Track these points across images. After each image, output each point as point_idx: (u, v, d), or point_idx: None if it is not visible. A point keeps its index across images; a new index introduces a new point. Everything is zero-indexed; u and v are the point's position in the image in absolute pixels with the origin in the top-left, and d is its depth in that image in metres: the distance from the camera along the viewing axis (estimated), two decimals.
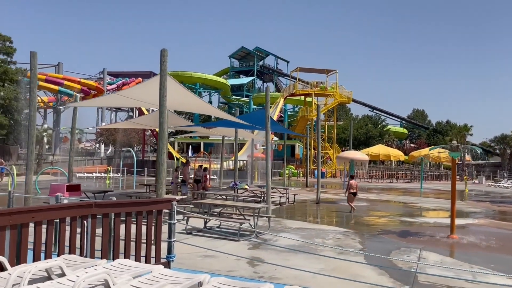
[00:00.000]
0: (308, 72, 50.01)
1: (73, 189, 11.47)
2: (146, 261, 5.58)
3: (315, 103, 42.99)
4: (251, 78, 73.65)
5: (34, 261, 4.23)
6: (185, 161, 19.97)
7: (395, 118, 75.98)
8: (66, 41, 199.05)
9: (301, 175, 39.38)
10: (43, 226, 4.38)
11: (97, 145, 61.57)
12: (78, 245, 4.97)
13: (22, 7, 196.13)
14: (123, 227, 5.43)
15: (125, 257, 5.26)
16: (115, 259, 4.89)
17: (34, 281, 3.53)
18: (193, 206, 12.31)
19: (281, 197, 16.58)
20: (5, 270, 3.68)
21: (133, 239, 5.52)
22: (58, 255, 4.48)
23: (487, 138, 61.68)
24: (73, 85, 45.84)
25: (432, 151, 23.47)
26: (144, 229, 5.66)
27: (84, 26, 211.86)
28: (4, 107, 37.66)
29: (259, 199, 15.04)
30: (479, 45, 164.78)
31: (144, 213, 5.77)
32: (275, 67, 78.53)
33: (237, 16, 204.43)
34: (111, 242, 5.33)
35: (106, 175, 29.78)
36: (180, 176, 16.90)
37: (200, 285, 3.80)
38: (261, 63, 77.03)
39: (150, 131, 47.52)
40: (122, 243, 5.48)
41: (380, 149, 32.41)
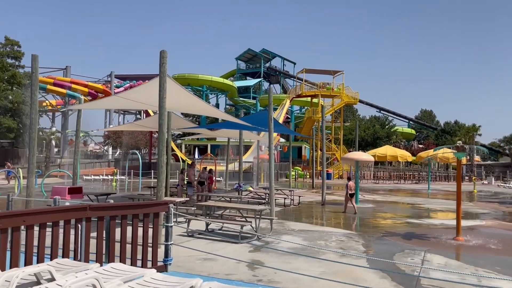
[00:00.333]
0: (314, 73, 49.84)
1: (75, 191, 11.48)
2: (142, 264, 5.52)
3: (321, 104, 42.76)
4: (258, 80, 73.50)
5: (26, 265, 4.18)
6: (190, 162, 19.95)
7: (403, 118, 75.41)
8: (74, 45, 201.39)
9: (308, 176, 39.18)
10: (35, 229, 4.34)
11: (105, 147, 61.96)
12: (73, 249, 4.92)
13: (31, 12, 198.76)
14: (118, 230, 5.38)
15: (120, 260, 5.21)
16: (110, 262, 4.83)
17: (22, 286, 3.48)
18: (195, 208, 12.26)
19: (285, 198, 16.48)
20: None
21: (129, 243, 5.46)
22: (51, 259, 4.43)
23: (497, 138, 60.94)
24: (81, 88, 46.28)
25: (437, 151, 23.16)
26: (140, 232, 5.61)
27: (93, 29, 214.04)
28: (12, 111, 38.09)
29: (263, 201, 14.93)
30: (488, 45, 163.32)
31: (141, 216, 5.71)
32: (281, 69, 78.30)
33: (244, 18, 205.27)
34: (107, 245, 5.28)
35: (112, 177, 29.89)
36: (186, 178, 16.88)
37: None
38: (267, 64, 76.83)
39: (156, 134, 47.64)
40: (118, 247, 5.43)
41: (387, 150, 32.10)
